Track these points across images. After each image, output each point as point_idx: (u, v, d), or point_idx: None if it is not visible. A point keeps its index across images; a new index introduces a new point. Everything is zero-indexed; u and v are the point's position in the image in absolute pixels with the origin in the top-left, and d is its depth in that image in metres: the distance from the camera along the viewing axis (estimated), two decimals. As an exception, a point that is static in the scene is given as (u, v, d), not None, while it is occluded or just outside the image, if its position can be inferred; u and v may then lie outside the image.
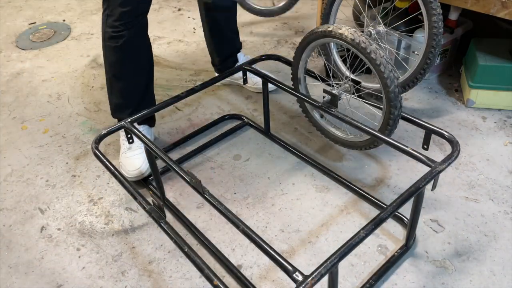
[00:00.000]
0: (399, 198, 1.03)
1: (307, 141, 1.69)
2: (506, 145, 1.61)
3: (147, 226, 1.40)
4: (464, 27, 1.89)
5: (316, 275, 0.86)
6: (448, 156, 1.13)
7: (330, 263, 0.89)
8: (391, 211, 1.00)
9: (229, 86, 2.02)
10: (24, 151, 1.74)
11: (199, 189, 1.08)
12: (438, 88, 1.93)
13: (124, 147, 1.57)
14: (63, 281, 1.26)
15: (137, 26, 1.43)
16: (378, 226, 0.97)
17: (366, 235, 0.95)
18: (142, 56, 1.52)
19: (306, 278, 0.86)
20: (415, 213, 1.20)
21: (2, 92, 2.10)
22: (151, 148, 1.23)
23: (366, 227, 0.96)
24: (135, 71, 1.51)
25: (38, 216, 1.47)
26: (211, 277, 0.97)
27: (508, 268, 1.22)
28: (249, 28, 2.51)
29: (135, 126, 1.30)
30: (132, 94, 1.54)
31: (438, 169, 1.09)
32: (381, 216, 0.98)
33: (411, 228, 1.24)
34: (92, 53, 2.38)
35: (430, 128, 1.24)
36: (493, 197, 1.42)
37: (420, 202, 1.18)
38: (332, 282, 0.96)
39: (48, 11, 2.86)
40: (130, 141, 1.36)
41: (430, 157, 1.14)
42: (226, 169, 1.60)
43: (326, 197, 1.46)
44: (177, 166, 1.14)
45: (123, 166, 1.54)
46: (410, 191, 1.05)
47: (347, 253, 0.92)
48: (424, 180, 1.07)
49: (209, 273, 0.98)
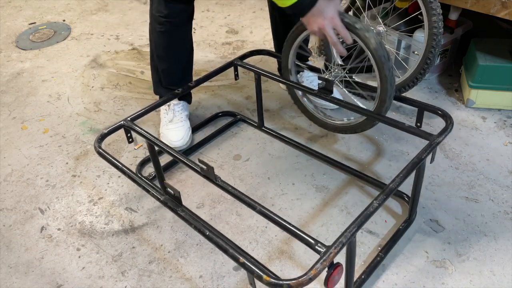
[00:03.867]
0: (404, 169, 1.09)
1: (302, 133, 1.69)
2: (506, 145, 1.61)
3: (147, 226, 1.40)
4: (464, 27, 1.89)
5: (337, 244, 0.90)
6: (444, 129, 1.20)
7: (349, 232, 0.92)
8: (399, 181, 1.05)
9: (229, 86, 2.02)
10: (24, 151, 1.74)
11: (211, 177, 1.08)
12: (438, 88, 1.93)
13: (165, 119, 1.72)
14: (63, 281, 1.26)
15: (183, 13, 1.55)
16: (389, 195, 1.03)
17: (379, 205, 0.99)
18: (185, 42, 1.65)
19: (328, 248, 0.89)
20: (417, 185, 1.26)
21: (2, 92, 2.10)
22: (155, 143, 1.23)
23: (379, 197, 1.00)
24: (177, 55, 1.64)
25: (38, 216, 1.47)
26: (236, 256, 0.97)
27: (508, 268, 1.22)
28: (249, 29, 2.51)
29: (135, 124, 1.31)
30: (172, 74, 1.68)
31: (436, 141, 1.16)
32: (391, 186, 1.03)
33: (414, 201, 1.31)
34: (92, 53, 2.38)
35: (422, 106, 1.29)
36: (493, 197, 1.43)
37: (421, 174, 1.24)
38: (350, 252, 1.00)
39: (48, 11, 2.86)
40: (130, 140, 1.37)
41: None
42: (226, 169, 1.60)
43: (326, 197, 1.46)
44: (184, 157, 1.16)
45: (165, 136, 1.68)
46: (413, 162, 1.11)
47: (363, 222, 0.95)
48: (425, 152, 1.14)
49: (233, 252, 0.98)
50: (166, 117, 1.72)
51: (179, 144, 1.66)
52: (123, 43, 2.47)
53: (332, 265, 0.89)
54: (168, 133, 1.68)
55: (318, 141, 1.69)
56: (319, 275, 0.85)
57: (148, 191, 1.19)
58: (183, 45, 1.65)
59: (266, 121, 1.77)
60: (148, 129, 1.77)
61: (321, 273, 0.85)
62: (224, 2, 2.85)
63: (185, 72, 1.71)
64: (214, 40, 2.43)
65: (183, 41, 1.64)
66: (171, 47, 1.62)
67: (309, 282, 0.84)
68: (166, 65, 1.65)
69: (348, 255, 1.00)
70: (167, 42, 1.60)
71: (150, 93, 2.00)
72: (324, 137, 1.71)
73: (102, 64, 2.28)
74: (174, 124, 1.70)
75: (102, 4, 2.94)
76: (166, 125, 1.71)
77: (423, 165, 1.22)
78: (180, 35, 1.61)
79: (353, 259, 1.02)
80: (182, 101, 1.76)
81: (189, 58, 1.71)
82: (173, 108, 1.72)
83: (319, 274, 0.85)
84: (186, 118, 1.74)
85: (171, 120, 1.71)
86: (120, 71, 2.21)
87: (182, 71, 1.69)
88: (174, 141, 1.66)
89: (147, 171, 1.61)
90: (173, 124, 1.70)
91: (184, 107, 1.76)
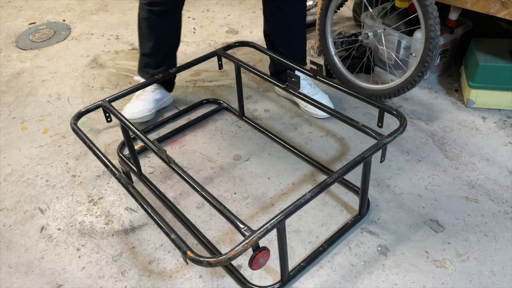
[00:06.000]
0: (345, 166, 1.12)
1: (289, 129, 1.69)
2: (506, 145, 1.61)
3: (147, 226, 1.40)
4: (464, 27, 1.89)
5: (262, 230, 0.96)
6: (395, 130, 1.22)
7: (276, 220, 0.99)
8: (336, 177, 1.09)
9: (229, 86, 2.02)
10: (24, 151, 1.74)
11: (165, 158, 1.14)
12: (438, 88, 1.93)
13: (135, 94, 1.79)
14: (63, 281, 1.26)
15: (166, 2, 1.59)
16: (324, 190, 1.07)
17: (311, 197, 1.04)
18: (168, 31, 1.69)
19: (253, 232, 0.95)
20: (364, 182, 1.29)
21: (2, 92, 2.10)
22: (125, 123, 1.32)
23: (313, 190, 1.05)
24: (160, 41, 1.69)
25: (38, 216, 1.47)
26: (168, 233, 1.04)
27: (508, 268, 1.22)
28: (249, 29, 2.51)
29: (112, 106, 1.40)
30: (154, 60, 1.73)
31: (384, 141, 1.18)
32: (326, 181, 1.08)
33: (363, 197, 1.33)
34: (92, 53, 2.38)
35: (382, 107, 1.31)
36: (493, 197, 1.43)
37: (368, 172, 1.26)
38: (281, 239, 1.06)
39: (48, 11, 2.86)
40: (109, 120, 1.46)
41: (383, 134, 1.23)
42: (226, 169, 1.60)
43: (326, 197, 1.46)
44: (145, 137, 1.22)
45: (124, 108, 1.77)
46: (355, 160, 1.14)
47: (292, 212, 1.01)
48: (370, 151, 1.16)
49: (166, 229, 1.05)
50: (136, 93, 1.79)
51: (128, 117, 1.70)
52: (123, 43, 2.47)
53: (258, 248, 0.96)
54: (128, 104, 1.78)
55: (318, 142, 1.69)
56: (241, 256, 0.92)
57: (107, 167, 1.27)
58: (165, 34, 1.69)
59: (266, 120, 1.77)
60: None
61: (240, 254, 0.92)
62: (224, 2, 2.85)
63: (166, 61, 1.75)
64: (214, 40, 2.43)
65: (165, 30, 1.67)
66: (152, 34, 1.67)
67: (228, 262, 0.92)
68: (147, 51, 1.71)
69: (280, 241, 1.07)
70: (148, 29, 1.66)
71: (150, 93, 2.00)
72: (324, 137, 1.71)
73: (102, 64, 2.28)
74: (137, 100, 1.78)
75: (102, 4, 2.94)
76: (133, 99, 1.80)
77: (369, 163, 1.24)
78: (162, 24, 1.65)
79: (284, 245, 1.09)
80: (158, 85, 1.80)
81: (171, 48, 1.75)
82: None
83: (239, 255, 0.92)
84: (153, 101, 1.79)
85: (137, 96, 1.79)
86: (120, 71, 2.21)
87: (162, 59, 1.73)
88: (125, 111, 1.74)
89: (147, 166, 1.61)
90: (136, 100, 1.78)
91: (158, 90, 1.81)
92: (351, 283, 1.21)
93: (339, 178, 1.11)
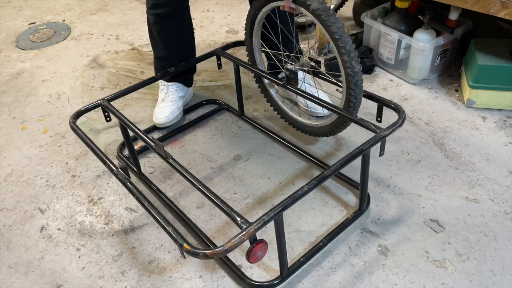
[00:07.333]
0: (342, 159, 1.11)
1: (286, 127, 1.69)
2: (506, 145, 1.61)
3: (147, 226, 1.40)
4: (464, 27, 1.89)
5: (259, 221, 0.94)
6: (394, 123, 1.21)
7: (273, 212, 0.97)
8: (333, 170, 1.08)
9: (228, 86, 2.02)
10: (24, 151, 1.74)
11: (162, 154, 1.14)
12: (438, 88, 1.93)
13: (160, 99, 1.81)
14: (63, 281, 1.26)
15: (169, 5, 1.59)
16: (321, 182, 1.06)
17: (309, 189, 1.03)
18: (176, 34, 1.69)
19: (250, 224, 0.94)
20: (363, 176, 1.27)
21: (2, 92, 2.10)
22: (123, 120, 1.32)
23: (310, 182, 1.04)
24: (172, 45, 1.70)
25: (38, 216, 1.47)
26: (164, 226, 1.05)
27: (508, 268, 1.22)
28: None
29: (111, 105, 1.41)
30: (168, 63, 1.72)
31: (382, 134, 1.17)
32: (324, 173, 1.07)
33: (362, 191, 1.32)
34: (92, 53, 2.38)
35: (381, 101, 1.30)
36: (493, 197, 1.43)
37: (367, 165, 1.25)
38: (279, 232, 1.05)
39: (48, 11, 2.86)
40: (108, 119, 1.47)
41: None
42: (226, 169, 1.60)
43: (326, 197, 1.46)
44: (143, 133, 1.23)
45: (154, 114, 1.77)
46: (353, 153, 1.13)
47: (290, 205, 1.00)
48: (368, 144, 1.15)
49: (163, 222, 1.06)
50: (160, 96, 1.82)
51: (162, 121, 1.74)
52: (123, 43, 2.47)
53: (255, 240, 0.95)
54: (156, 111, 1.78)
55: (318, 141, 1.69)
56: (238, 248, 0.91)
57: (105, 163, 1.29)
58: (175, 37, 1.68)
59: (266, 121, 1.77)
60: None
61: (237, 246, 0.91)
62: (224, 2, 2.85)
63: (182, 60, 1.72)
64: (214, 40, 2.43)
65: (173, 33, 1.67)
66: (162, 37, 1.68)
67: (224, 253, 0.91)
68: (160, 54, 1.73)
69: (278, 234, 1.06)
70: (158, 33, 1.68)
71: (150, 93, 2.00)
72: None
73: (102, 64, 2.28)
74: (164, 103, 1.78)
75: (102, 4, 2.94)
76: (158, 104, 1.80)
77: (367, 156, 1.23)
78: (170, 27, 1.65)
79: (282, 238, 1.07)
80: (177, 82, 1.81)
81: (185, 52, 1.74)
82: (167, 88, 1.80)
83: (236, 247, 0.91)
84: (178, 99, 1.80)
85: (163, 99, 1.80)
86: (120, 71, 2.21)
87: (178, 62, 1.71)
88: (158, 117, 1.74)
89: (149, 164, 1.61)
90: (163, 103, 1.78)
91: (179, 88, 1.82)
92: (351, 283, 1.21)
93: (337, 171, 1.10)
